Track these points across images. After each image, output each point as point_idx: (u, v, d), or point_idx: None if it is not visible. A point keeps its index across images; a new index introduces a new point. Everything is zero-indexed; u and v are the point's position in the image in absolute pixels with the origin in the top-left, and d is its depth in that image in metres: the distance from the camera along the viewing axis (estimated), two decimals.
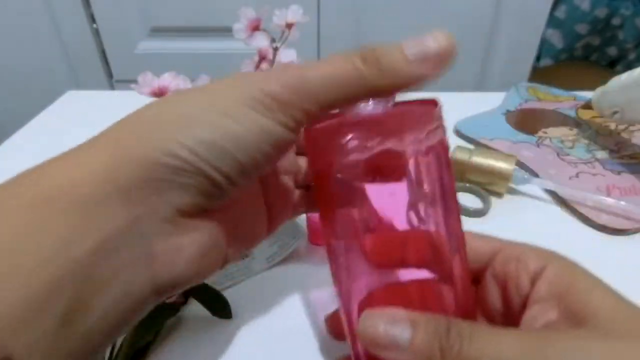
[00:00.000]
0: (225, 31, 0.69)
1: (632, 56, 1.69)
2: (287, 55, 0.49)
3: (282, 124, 0.17)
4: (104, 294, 0.15)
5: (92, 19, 1.03)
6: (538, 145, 0.48)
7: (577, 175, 0.43)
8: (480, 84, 1.13)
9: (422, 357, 0.17)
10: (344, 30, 1.05)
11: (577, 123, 0.52)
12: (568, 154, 0.46)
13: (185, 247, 0.17)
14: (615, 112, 0.46)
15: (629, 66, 1.42)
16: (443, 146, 0.20)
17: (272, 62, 0.50)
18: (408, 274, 0.20)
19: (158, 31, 1.04)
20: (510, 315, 0.20)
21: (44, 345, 0.14)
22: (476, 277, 0.22)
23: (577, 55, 1.75)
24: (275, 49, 0.49)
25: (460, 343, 0.16)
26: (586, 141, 0.48)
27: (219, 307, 0.30)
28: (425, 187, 0.19)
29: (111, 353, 0.26)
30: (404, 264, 0.20)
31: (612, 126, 0.50)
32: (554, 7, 1.09)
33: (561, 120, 0.52)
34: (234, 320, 0.30)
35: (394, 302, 0.19)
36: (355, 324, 0.19)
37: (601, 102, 0.48)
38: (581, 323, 0.17)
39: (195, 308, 0.30)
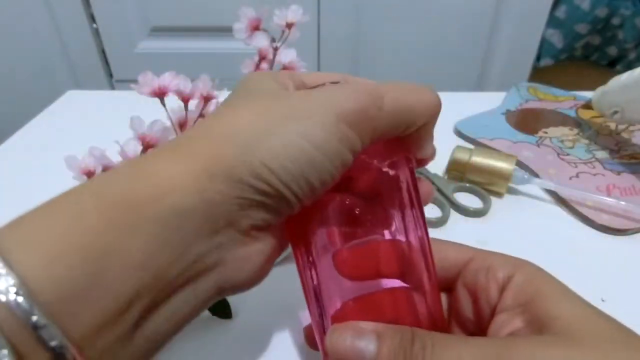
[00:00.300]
0: (226, 31, 0.69)
1: (632, 56, 1.69)
2: (287, 55, 0.49)
3: (352, 149, 0.18)
4: (174, 298, 0.15)
5: (92, 19, 1.03)
6: (538, 145, 0.48)
7: (577, 175, 0.43)
8: (480, 84, 1.13)
9: None
10: (344, 30, 1.05)
11: (577, 123, 0.52)
12: (568, 154, 0.46)
13: (253, 256, 0.18)
14: (615, 112, 0.46)
15: (629, 66, 1.42)
16: (408, 161, 0.21)
17: (272, 62, 0.50)
18: (379, 285, 0.21)
19: (158, 31, 1.04)
20: (481, 324, 0.20)
21: (113, 349, 0.14)
22: (448, 286, 0.22)
23: (577, 55, 1.75)
24: (275, 49, 0.49)
25: (423, 354, 0.17)
26: (586, 141, 0.48)
27: (219, 307, 0.30)
28: (396, 202, 0.20)
29: None
30: (374, 276, 0.20)
31: (612, 126, 0.50)
32: (554, 7, 1.09)
33: (561, 120, 0.52)
34: (234, 320, 0.30)
35: (365, 313, 0.19)
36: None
37: (601, 102, 0.48)
38: (544, 329, 0.17)
39: None
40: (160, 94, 0.42)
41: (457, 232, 0.36)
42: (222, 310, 0.30)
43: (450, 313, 0.22)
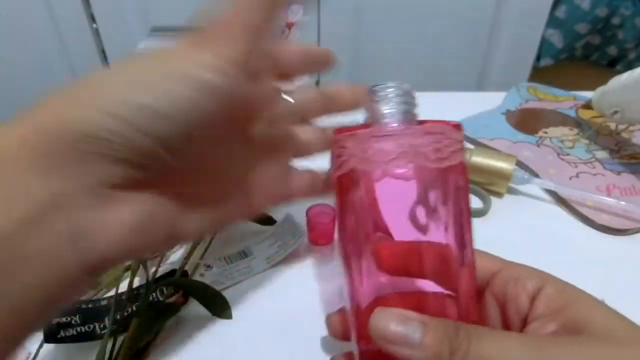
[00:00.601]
0: None
1: (632, 56, 1.69)
2: None
3: (219, 70, 0.17)
4: (28, 266, 0.14)
5: (92, 19, 1.03)
6: (538, 145, 0.48)
7: (577, 175, 0.43)
8: (480, 84, 1.13)
9: (432, 355, 0.17)
10: (344, 30, 1.05)
11: (577, 123, 0.52)
12: (568, 154, 0.46)
13: (112, 222, 0.16)
14: (615, 112, 0.46)
15: (629, 66, 1.42)
16: (463, 167, 0.20)
17: None
18: (416, 285, 0.21)
19: (158, 31, 1.04)
20: None
21: None
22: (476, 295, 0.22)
23: (577, 55, 1.75)
24: None
25: (469, 343, 0.17)
26: (586, 141, 0.48)
27: (219, 307, 0.30)
28: (442, 203, 0.20)
29: (111, 353, 0.26)
30: (414, 274, 0.20)
31: (612, 126, 0.50)
32: (554, 6, 1.09)
33: (561, 120, 0.52)
34: (234, 320, 0.30)
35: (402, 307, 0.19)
36: (362, 325, 0.19)
37: (601, 102, 0.48)
38: (580, 331, 0.18)
39: (195, 308, 0.30)
40: None
41: None
42: (222, 310, 0.30)
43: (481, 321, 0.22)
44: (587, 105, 0.53)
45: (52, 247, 0.15)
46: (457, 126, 0.21)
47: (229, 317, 0.30)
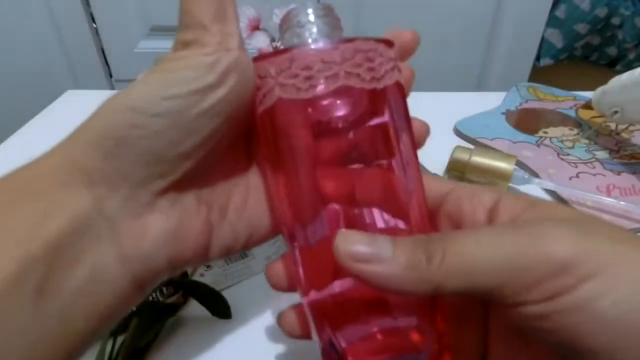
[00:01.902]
0: None
1: (632, 56, 1.69)
2: None
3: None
4: (73, 272, 0.15)
5: (92, 19, 1.02)
6: (538, 145, 0.48)
7: (577, 175, 0.43)
8: (480, 84, 1.13)
9: (407, 265, 0.15)
10: (343, 30, 1.05)
11: (577, 123, 0.52)
12: (568, 154, 0.46)
13: (150, 227, 0.17)
14: (615, 112, 0.46)
15: (629, 66, 1.42)
16: (399, 87, 0.19)
17: None
18: (364, 220, 0.19)
19: (157, 30, 1.04)
20: None
21: (20, 320, 0.14)
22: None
23: (577, 55, 1.75)
24: (275, 48, 0.50)
25: (444, 244, 0.15)
26: (586, 141, 0.48)
27: (219, 307, 0.30)
28: (381, 131, 0.18)
29: (111, 353, 0.26)
30: (360, 202, 0.19)
31: (612, 126, 0.50)
32: (554, 6, 1.09)
33: (561, 120, 0.52)
34: (234, 320, 0.30)
35: None
36: (312, 268, 0.18)
37: (601, 102, 0.48)
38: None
39: (195, 308, 0.30)
40: None
41: None
42: (222, 310, 0.30)
43: None
44: (587, 105, 0.53)
45: (94, 250, 0.15)
46: (389, 42, 0.19)
47: (229, 317, 0.30)
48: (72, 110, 0.57)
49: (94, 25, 1.03)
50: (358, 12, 1.02)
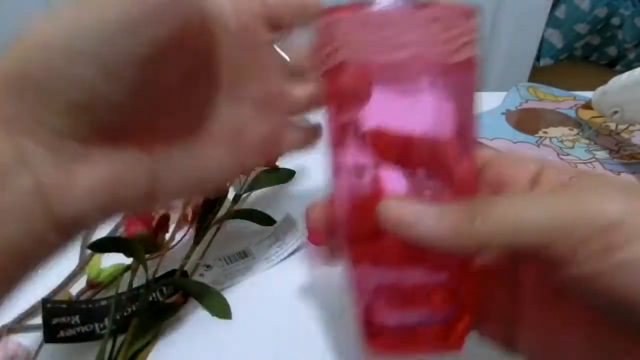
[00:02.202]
0: None
1: (631, 56, 1.69)
2: None
3: None
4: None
5: None
6: (538, 145, 0.48)
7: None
8: (480, 84, 1.13)
9: (453, 224, 0.16)
10: None
11: (577, 123, 0.52)
12: (568, 154, 0.46)
13: (81, 179, 0.16)
14: (615, 112, 0.45)
15: (629, 66, 1.42)
16: (473, 63, 0.18)
17: None
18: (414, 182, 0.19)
19: None
20: None
21: None
22: None
23: (577, 55, 1.75)
24: None
25: (487, 205, 0.16)
26: (586, 141, 0.48)
27: (219, 307, 0.30)
28: (446, 100, 0.18)
29: (111, 353, 0.26)
30: (407, 163, 0.19)
31: (612, 126, 0.50)
32: (554, 7, 1.09)
33: (561, 120, 0.52)
34: (234, 320, 0.30)
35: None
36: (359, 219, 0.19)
37: (601, 102, 0.48)
38: None
39: (195, 308, 0.30)
40: None
41: None
42: (222, 310, 0.30)
43: None
44: (587, 105, 0.53)
45: (19, 202, 0.15)
46: (471, 13, 0.18)
47: (229, 317, 0.30)
48: None
49: None
50: None
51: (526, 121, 0.52)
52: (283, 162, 0.43)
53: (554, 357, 0.18)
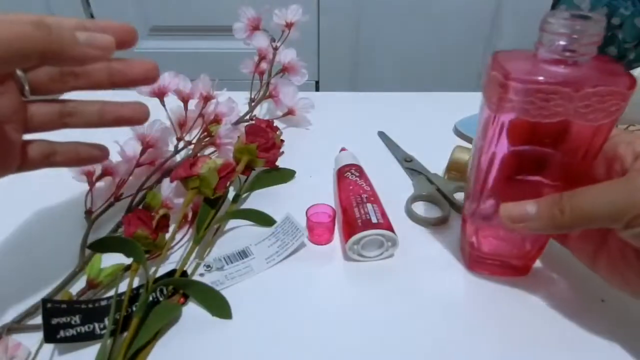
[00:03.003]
0: (225, 30, 0.69)
1: (631, 56, 1.69)
2: (287, 54, 0.49)
3: None
4: None
5: (92, 19, 1.02)
6: None
7: None
8: (480, 84, 1.13)
9: (547, 219, 0.25)
10: (344, 30, 1.05)
11: None
12: None
13: None
14: None
15: (629, 66, 1.41)
16: (610, 126, 0.25)
17: (272, 61, 0.50)
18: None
19: (157, 30, 1.04)
20: None
21: None
22: None
23: None
24: (275, 49, 0.49)
25: (570, 200, 0.24)
26: None
27: (219, 307, 0.30)
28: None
29: (111, 353, 0.26)
30: (537, 143, 0.26)
31: None
32: (554, 6, 1.09)
33: None
34: (234, 320, 0.30)
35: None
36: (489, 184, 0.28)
37: None
38: None
39: (195, 308, 0.30)
40: (160, 94, 0.42)
41: (457, 232, 0.36)
42: (222, 310, 0.30)
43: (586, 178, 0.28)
44: None
45: None
46: (631, 83, 0.23)
47: (229, 317, 0.30)
48: None
49: None
50: (358, 12, 1.02)
51: None
52: (283, 162, 0.43)
53: (619, 280, 0.27)
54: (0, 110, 0.24)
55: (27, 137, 0.27)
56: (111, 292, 0.29)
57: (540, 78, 0.23)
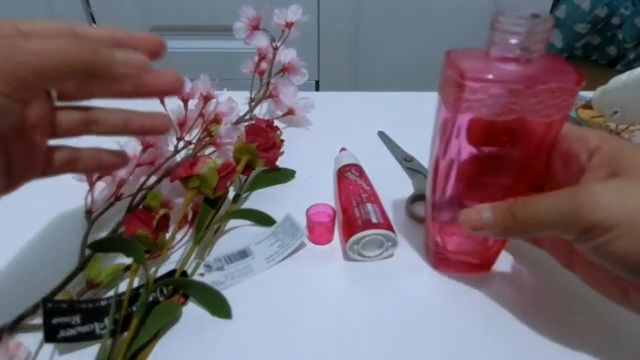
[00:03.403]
0: (225, 30, 0.69)
1: (632, 55, 1.69)
2: (286, 54, 0.49)
3: None
4: None
5: (92, 19, 1.02)
6: None
7: None
8: None
9: (500, 225, 0.25)
10: (344, 30, 1.05)
11: (577, 123, 0.51)
12: None
13: None
14: (615, 112, 0.45)
15: (629, 65, 1.42)
16: (562, 122, 0.25)
17: (272, 61, 0.50)
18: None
19: (157, 30, 1.04)
20: (570, 185, 0.25)
21: None
22: None
23: (577, 55, 1.74)
24: (275, 49, 0.49)
25: (524, 206, 0.24)
26: None
27: (219, 307, 0.30)
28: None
29: (111, 353, 0.26)
30: (495, 143, 0.26)
31: (612, 126, 0.50)
32: (554, 6, 1.09)
33: None
34: (234, 320, 0.30)
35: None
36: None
37: (601, 101, 0.48)
38: (618, 174, 0.23)
39: (195, 308, 0.30)
40: None
41: None
42: (222, 310, 0.30)
43: (545, 177, 0.28)
44: (587, 105, 0.53)
45: None
46: (580, 79, 0.24)
47: (229, 317, 0.30)
48: None
49: (94, 25, 1.03)
50: (358, 12, 1.02)
51: None
52: (283, 162, 0.43)
53: (595, 285, 0.27)
54: (28, 117, 0.24)
55: (51, 142, 0.27)
56: (111, 292, 0.29)
57: (495, 76, 0.23)
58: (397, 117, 0.53)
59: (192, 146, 0.42)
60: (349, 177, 0.39)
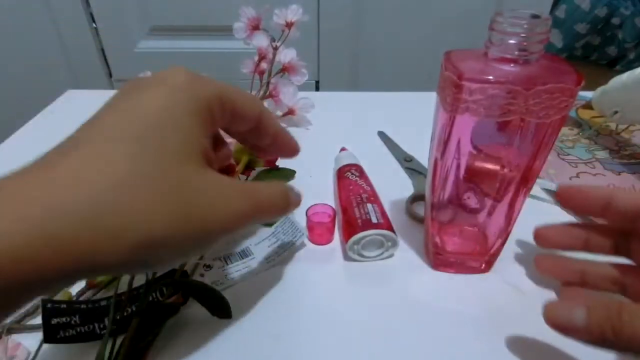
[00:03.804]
0: (225, 30, 0.69)
1: (632, 56, 1.69)
2: (287, 54, 0.49)
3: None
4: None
5: (92, 19, 1.02)
6: None
7: (577, 175, 0.43)
8: None
9: (597, 335, 0.20)
10: (344, 30, 1.05)
11: (577, 123, 0.51)
12: (568, 154, 0.46)
13: None
14: (615, 112, 0.45)
15: (629, 66, 1.42)
16: (561, 122, 0.25)
17: (272, 61, 0.50)
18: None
19: (157, 30, 1.04)
20: None
21: None
22: (629, 231, 0.26)
23: (577, 55, 1.74)
24: (275, 48, 0.49)
25: (632, 321, 0.19)
26: (586, 141, 0.48)
27: (219, 307, 0.30)
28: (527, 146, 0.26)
29: (111, 353, 0.26)
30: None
31: (612, 126, 0.50)
32: (554, 6, 1.09)
33: None
34: (234, 320, 0.30)
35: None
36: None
37: (601, 101, 0.48)
38: None
39: (195, 308, 0.30)
40: None
41: None
42: (222, 310, 0.30)
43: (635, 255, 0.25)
44: (587, 105, 0.53)
45: None
46: (579, 80, 0.23)
47: (229, 317, 0.30)
48: (72, 110, 0.57)
49: (94, 25, 1.03)
50: (358, 12, 1.02)
51: None
52: (283, 162, 0.43)
53: None
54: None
55: None
56: (111, 292, 0.29)
57: (494, 77, 0.23)
58: (397, 117, 0.53)
59: None
60: (349, 177, 0.39)
